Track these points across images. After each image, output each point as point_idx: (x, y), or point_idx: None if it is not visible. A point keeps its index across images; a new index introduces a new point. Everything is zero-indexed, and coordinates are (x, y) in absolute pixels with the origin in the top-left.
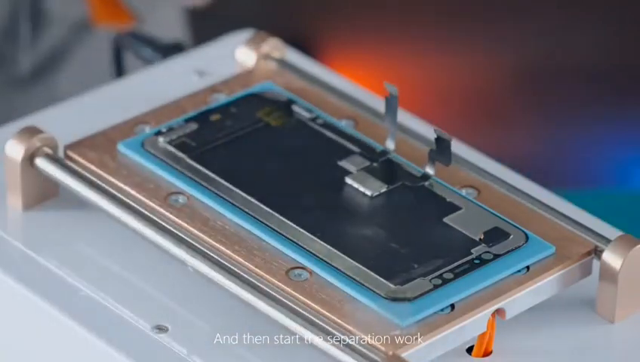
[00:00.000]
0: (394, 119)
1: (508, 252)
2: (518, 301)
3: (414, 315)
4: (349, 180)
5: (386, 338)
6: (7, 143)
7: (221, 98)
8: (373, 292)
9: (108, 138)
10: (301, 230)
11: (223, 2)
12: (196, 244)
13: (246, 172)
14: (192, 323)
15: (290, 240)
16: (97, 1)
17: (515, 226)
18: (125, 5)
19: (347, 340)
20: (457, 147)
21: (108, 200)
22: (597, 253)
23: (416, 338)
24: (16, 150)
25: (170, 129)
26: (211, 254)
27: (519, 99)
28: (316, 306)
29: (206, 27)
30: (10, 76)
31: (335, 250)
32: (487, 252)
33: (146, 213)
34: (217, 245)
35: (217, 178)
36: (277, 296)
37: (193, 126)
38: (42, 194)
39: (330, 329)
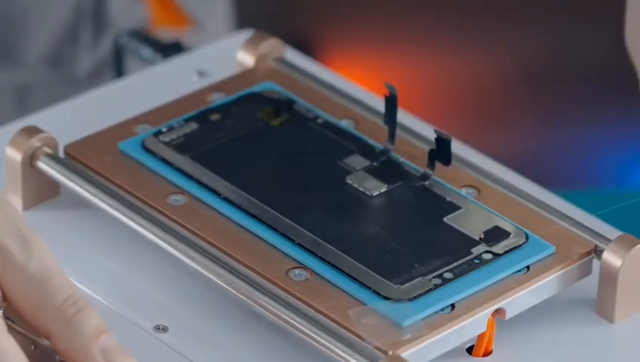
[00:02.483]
0: (394, 119)
1: (508, 251)
2: (518, 301)
3: (414, 315)
4: (349, 180)
5: (386, 338)
6: (7, 143)
7: (221, 98)
8: (374, 291)
9: (108, 138)
10: (301, 230)
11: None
12: (196, 244)
13: (246, 172)
14: (192, 323)
15: (290, 240)
16: (157, 5)
17: (515, 226)
18: (183, 10)
19: (347, 340)
20: (457, 147)
21: (108, 200)
22: (597, 252)
23: (417, 338)
24: (16, 150)
25: (170, 129)
26: (211, 254)
27: (519, 99)
28: (316, 306)
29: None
30: (68, 76)
31: (335, 250)
32: (488, 251)
33: (146, 212)
34: (217, 244)
35: (217, 178)
36: (277, 295)
37: (193, 126)
38: (42, 194)
39: (329, 328)
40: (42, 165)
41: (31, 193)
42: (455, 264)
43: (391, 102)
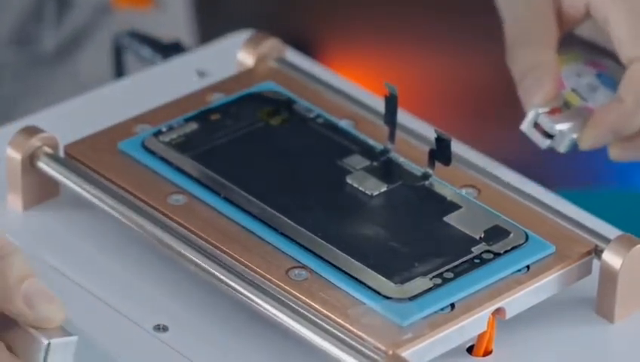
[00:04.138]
0: (394, 119)
1: (508, 251)
2: (518, 300)
3: (414, 314)
4: (349, 180)
5: (386, 338)
6: (7, 143)
7: (221, 98)
8: (374, 291)
9: (108, 138)
10: (301, 229)
11: (223, 2)
12: (196, 244)
13: (246, 171)
14: (192, 323)
15: (290, 239)
16: None
17: (515, 225)
18: None
19: (347, 339)
20: (457, 147)
21: (108, 199)
22: (597, 252)
23: (417, 338)
24: (16, 150)
25: (170, 128)
26: (211, 254)
27: (519, 99)
28: (316, 306)
29: (206, 27)
30: (34, 55)
31: (335, 250)
32: (488, 251)
33: (146, 212)
34: (217, 244)
35: (217, 177)
36: (277, 295)
37: (193, 126)
38: (42, 194)
39: (330, 328)
40: (42, 165)
41: (31, 193)
42: (455, 263)
43: (391, 102)
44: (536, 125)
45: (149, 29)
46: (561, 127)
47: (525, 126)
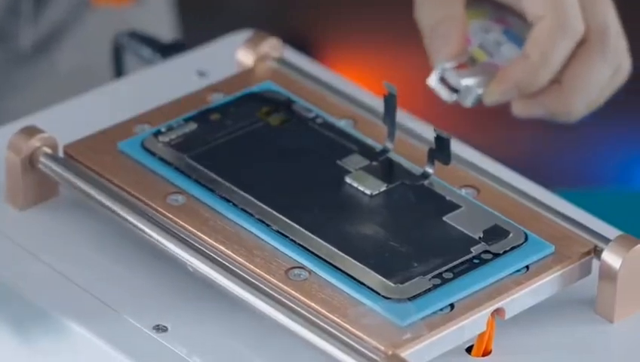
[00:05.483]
0: (393, 118)
1: (507, 251)
2: (517, 300)
3: (414, 314)
4: (348, 179)
5: (386, 338)
6: (7, 143)
7: (221, 98)
8: (373, 291)
9: (108, 138)
10: (301, 229)
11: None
12: (196, 244)
13: (245, 171)
14: (192, 323)
15: (290, 239)
16: None
17: (514, 225)
18: None
19: (347, 340)
20: (457, 146)
21: (107, 199)
22: (596, 252)
23: (416, 338)
24: (16, 150)
25: (170, 129)
26: (211, 254)
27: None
28: (316, 306)
29: (206, 27)
30: (11, 52)
31: (335, 250)
32: (487, 251)
33: (146, 212)
34: (217, 245)
35: (217, 177)
36: (276, 295)
37: (193, 126)
38: (42, 194)
39: (329, 328)
40: (42, 165)
41: (30, 193)
42: (454, 263)
43: (390, 101)
44: (442, 80)
45: (130, 25)
46: (467, 82)
47: (432, 81)
